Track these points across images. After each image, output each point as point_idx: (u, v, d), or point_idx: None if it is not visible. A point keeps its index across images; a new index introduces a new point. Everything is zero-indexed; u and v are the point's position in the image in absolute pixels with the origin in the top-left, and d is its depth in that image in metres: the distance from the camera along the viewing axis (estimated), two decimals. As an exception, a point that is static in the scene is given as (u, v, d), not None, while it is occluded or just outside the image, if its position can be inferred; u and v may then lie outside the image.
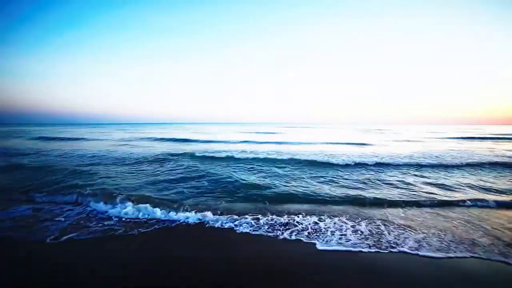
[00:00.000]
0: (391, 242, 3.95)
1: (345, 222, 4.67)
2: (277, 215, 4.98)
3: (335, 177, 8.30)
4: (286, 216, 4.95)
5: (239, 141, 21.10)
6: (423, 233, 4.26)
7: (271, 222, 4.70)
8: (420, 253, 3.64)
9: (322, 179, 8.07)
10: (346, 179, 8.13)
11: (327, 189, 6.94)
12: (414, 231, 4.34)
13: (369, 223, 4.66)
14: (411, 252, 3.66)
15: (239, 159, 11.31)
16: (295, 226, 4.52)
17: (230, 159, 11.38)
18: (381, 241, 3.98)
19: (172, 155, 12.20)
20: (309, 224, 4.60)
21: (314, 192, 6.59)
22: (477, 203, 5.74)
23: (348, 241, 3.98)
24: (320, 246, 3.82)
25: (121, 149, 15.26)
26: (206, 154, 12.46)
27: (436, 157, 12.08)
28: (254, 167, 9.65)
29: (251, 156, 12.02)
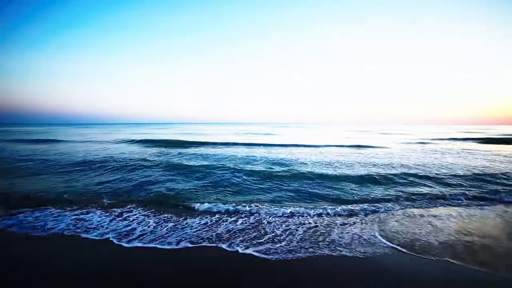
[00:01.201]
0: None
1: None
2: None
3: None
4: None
5: (222, 142, 19.94)
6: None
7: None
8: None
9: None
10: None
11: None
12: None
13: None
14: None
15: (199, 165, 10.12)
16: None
17: (184, 166, 10.09)
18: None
19: (130, 159, 11.36)
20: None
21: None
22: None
23: None
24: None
25: (85, 151, 14.03)
26: (159, 158, 11.74)
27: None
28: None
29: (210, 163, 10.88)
